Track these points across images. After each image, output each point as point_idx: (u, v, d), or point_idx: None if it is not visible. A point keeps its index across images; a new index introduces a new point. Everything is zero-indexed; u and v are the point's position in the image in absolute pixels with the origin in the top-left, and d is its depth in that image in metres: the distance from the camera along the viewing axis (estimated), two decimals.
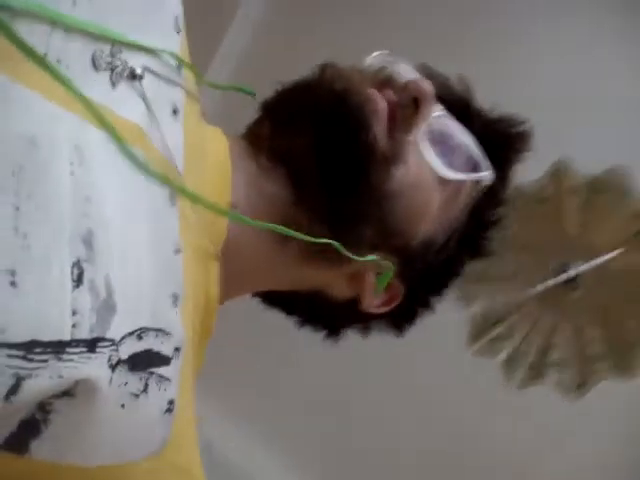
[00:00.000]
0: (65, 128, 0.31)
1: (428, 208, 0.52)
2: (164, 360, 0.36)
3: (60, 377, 0.28)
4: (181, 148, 0.41)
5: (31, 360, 0.27)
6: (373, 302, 0.54)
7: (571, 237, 1.15)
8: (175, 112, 0.41)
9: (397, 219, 0.49)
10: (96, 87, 0.34)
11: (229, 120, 0.53)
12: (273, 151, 0.48)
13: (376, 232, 0.49)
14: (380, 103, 0.48)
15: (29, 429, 0.29)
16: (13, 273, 0.27)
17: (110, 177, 0.33)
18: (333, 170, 0.47)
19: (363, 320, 0.58)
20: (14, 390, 0.27)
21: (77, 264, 0.29)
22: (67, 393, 0.29)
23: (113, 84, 0.35)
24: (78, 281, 0.29)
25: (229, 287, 0.48)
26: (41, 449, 0.30)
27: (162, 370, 0.36)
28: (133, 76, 0.36)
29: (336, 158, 0.46)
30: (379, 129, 0.47)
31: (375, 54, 0.57)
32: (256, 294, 0.59)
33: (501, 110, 0.60)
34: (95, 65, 0.34)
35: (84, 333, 0.29)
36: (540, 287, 1.08)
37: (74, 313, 0.29)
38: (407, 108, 0.50)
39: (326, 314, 0.57)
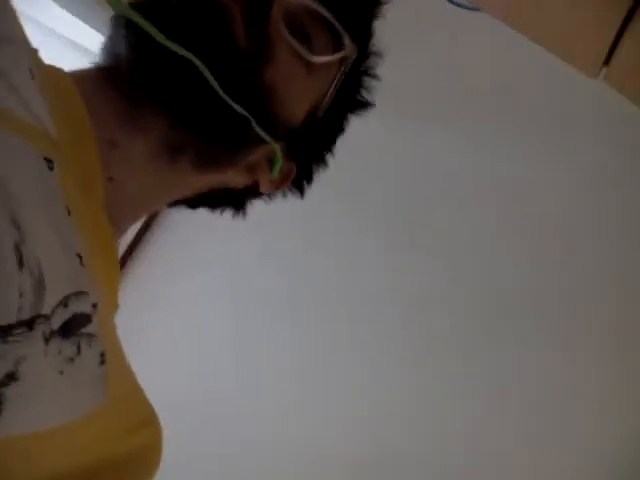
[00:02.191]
0: None
1: (301, 94, 0.54)
2: (87, 318, 0.36)
3: (3, 358, 0.29)
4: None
5: None
6: (270, 185, 0.60)
7: None
8: (32, 75, 0.41)
9: (274, 111, 0.52)
10: None
11: None
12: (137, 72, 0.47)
13: (258, 125, 0.51)
14: (229, 5, 0.48)
15: None
16: None
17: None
18: (206, 78, 0.46)
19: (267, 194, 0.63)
20: None
21: (17, 247, 0.30)
22: (12, 377, 0.30)
23: None
24: (20, 264, 0.30)
25: (125, 214, 0.49)
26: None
27: (89, 328, 0.36)
28: None
29: (207, 65, 0.46)
30: (233, 30, 0.47)
31: None
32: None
33: None
34: None
35: (25, 314, 0.31)
36: None
37: (20, 295, 0.30)
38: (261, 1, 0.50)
39: (231, 199, 0.62)
